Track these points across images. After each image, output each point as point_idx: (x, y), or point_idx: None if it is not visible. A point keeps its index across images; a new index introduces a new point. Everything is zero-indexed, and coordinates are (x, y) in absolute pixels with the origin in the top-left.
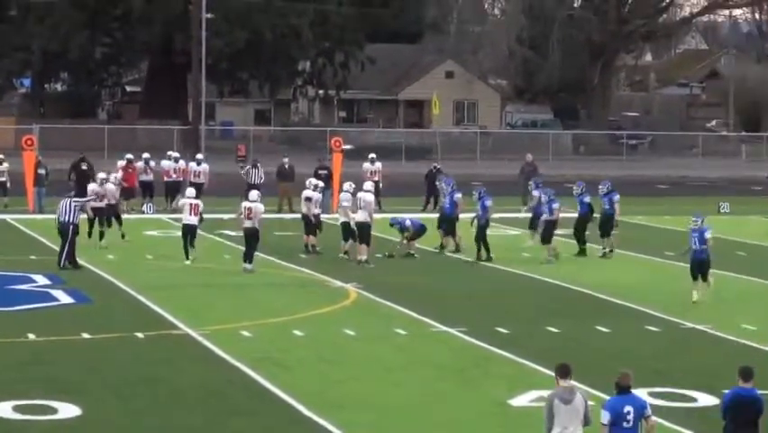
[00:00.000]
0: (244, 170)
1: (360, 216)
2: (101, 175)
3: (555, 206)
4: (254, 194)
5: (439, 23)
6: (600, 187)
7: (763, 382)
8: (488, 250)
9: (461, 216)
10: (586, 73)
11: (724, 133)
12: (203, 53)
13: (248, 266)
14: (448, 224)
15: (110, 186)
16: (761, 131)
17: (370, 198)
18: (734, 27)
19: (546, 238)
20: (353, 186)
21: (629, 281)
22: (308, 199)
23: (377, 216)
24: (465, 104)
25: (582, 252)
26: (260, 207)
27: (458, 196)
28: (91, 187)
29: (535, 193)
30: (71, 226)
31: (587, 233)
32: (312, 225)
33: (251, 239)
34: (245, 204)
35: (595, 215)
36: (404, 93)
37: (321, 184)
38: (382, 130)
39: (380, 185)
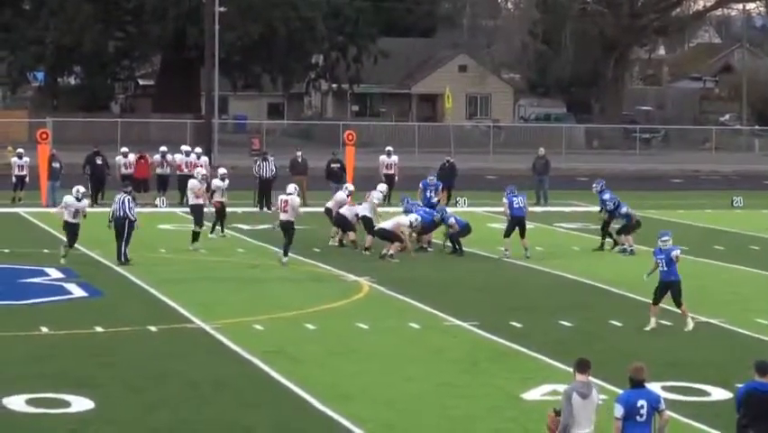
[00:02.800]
0: (256, 165)
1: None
2: (202, 171)
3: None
4: (291, 187)
5: (452, 17)
6: (594, 186)
7: None
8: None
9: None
10: (599, 67)
11: (737, 127)
12: (216, 47)
13: (284, 259)
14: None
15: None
16: None
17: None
18: (747, 21)
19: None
20: (386, 188)
21: (641, 275)
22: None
23: (386, 209)
24: (478, 98)
25: (601, 246)
26: (297, 199)
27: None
28: (193, 183)
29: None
30: (125, 222)
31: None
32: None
33: (287, 232)
34: (281, 197)
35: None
36: (417, 87)
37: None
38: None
39: (396, 178)
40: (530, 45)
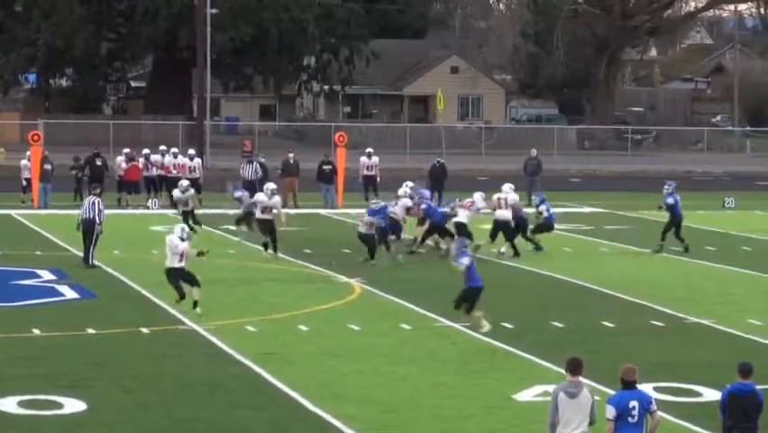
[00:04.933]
0: (242, 167)
1: (503, 214)
2: (271, 186)
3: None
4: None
5: (444, 19)
6: (666, 187)
7: None
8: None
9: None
10: (591, 68)
11: (729, 128)
12: (207, 49)
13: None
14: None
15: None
16: (766, 125)
17: (515, 196)
18: (739, 22)
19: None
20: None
21: (634, 276)
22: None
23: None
24: (470, 99)
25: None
26: (371, 219)
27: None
28: (259, 197)
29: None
30: (93, 225)
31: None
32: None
33: (366, 244)
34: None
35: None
36: (409, 88)
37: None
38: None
39: (378, 179)
40: (522, 46)
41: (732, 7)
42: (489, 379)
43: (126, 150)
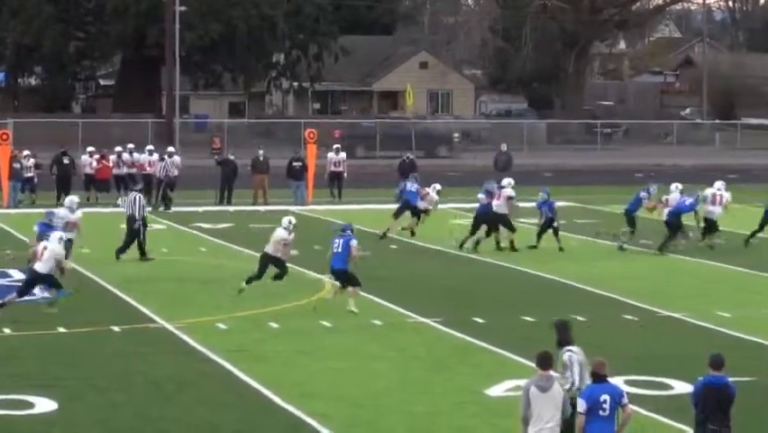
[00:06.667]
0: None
1: (717, 211)
2: (71, 199)
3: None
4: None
5: (412, 14)
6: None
7: (739, 369)
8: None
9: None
10: (560, 62)
11: (698, 121)
12: (176, 46)
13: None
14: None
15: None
16: (734, 119)
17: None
18: (707, 15)
19: None
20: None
21: (605, 271)
22: None
23: (340, 207)
24: (439, 94)
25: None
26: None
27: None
28: (61, 212)
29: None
30: (138, 221)
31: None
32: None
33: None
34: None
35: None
36: (378, 84)
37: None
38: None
39: (344, 175)
40: (490, 41)
41: (700, 0)
42: (460, 374)
43: (90, 148)
